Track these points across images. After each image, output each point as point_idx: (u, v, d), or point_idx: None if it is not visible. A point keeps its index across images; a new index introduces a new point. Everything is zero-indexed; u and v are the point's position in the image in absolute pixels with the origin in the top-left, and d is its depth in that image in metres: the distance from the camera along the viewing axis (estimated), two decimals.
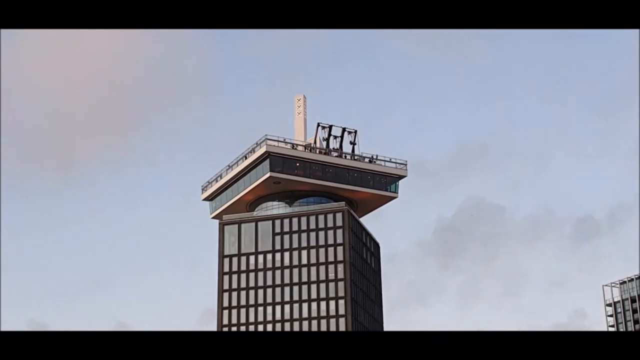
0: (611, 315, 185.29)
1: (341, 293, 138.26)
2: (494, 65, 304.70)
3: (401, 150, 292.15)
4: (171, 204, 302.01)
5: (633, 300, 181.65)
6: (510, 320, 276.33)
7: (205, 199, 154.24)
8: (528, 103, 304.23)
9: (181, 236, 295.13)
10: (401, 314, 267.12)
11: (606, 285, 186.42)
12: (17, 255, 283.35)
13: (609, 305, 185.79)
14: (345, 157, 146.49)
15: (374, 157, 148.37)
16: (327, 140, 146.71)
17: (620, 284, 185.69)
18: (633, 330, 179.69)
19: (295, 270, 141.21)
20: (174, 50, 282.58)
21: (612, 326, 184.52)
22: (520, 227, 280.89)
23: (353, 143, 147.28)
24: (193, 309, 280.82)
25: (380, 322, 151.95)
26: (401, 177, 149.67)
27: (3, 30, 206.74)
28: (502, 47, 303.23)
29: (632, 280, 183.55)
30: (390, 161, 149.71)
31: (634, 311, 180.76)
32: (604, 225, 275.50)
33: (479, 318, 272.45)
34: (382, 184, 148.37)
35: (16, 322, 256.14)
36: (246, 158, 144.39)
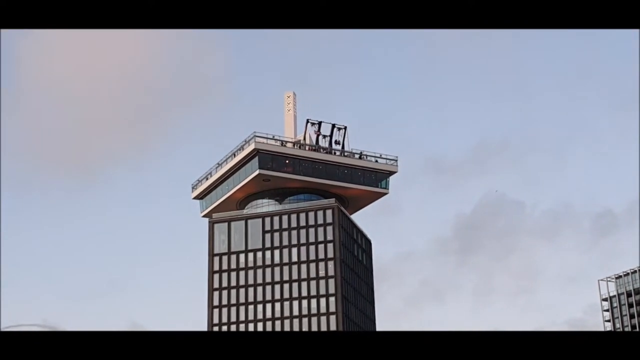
0: (607, 310, 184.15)
1: (332, 290, 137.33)
2: (513, 61, 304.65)
3: (418, 147, 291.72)
4: (167, 203, 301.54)
5: (629, 295, 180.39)
6: (526, 316, 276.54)
7: (195, 198, 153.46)
8: (547, 99, 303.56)
9: (178, 236, 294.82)
10: (417, 311, 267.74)
11: (602, 280, 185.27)
12: (27, 254, 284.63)
13: (605, 299, 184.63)
14: (335, 153, 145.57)
15: (363, 153, 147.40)
16: (317, 136, 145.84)
17: (616, 278, 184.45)
18: (629, 324, 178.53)
19: (286, 268, 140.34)
20: (174, 50, 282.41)
21: (608, 321, 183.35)
22: (539, 222, 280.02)
23: (341, 140, 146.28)
24: (202, 307, 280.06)
25: (372, 319, 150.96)
26: (392, 173, 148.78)
27: (21, 30, 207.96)
28: (522, 43, 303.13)
29: (627, 274, 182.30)
30: (380, 157, 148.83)
31: (630, 305, 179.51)
32: (623, 220, 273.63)
33: (495, 315, 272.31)
34: (372, 180, 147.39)
35: (28, 322, 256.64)
36: (235, 156, 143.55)
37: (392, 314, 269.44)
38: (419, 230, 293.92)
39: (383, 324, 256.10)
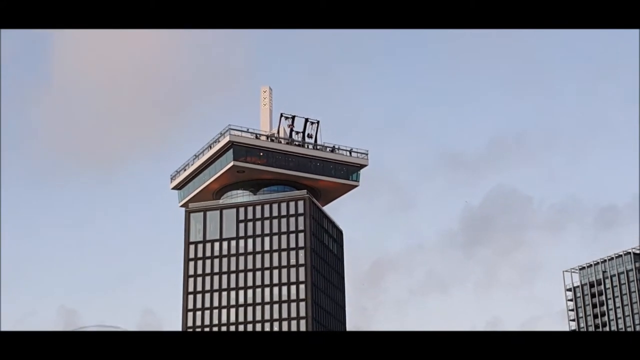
0: (571, 300, 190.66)
1: (302, 278, 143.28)
2: (528, 57, 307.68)
3: (434, 142, 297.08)
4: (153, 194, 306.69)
5: (592, 285, 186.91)
6: (522, 307, 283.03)
7: (174, 188, 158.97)
8: (563, 95, 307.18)
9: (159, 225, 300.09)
10: (421, 301, 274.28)
11: (566, 271, 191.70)
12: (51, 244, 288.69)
13: (569, 290, 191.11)
14: (308, 146, 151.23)
15: (336, 147, 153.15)
16: (291, 130, 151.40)
17: (580, 269, 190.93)
18: (591, 314, 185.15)
19: (258, 256, 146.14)
20: (174, 48, 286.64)
21: (572, 310, 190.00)
22: (546, 216, 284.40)
23: (314, 134, 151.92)
24: (177, 293, 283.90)
25: (342, 306, 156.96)
26: (362, 166, 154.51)
27: (47, 30, 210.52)
28: (538, 39, 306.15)
29: (590, 265, 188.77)
30: (352, 151, 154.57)
31: (592, 296, 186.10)
32: (627, 214, 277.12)
33: (495, 306, 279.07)
34: (343, 173, 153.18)
35: (47, 308, 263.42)
36: (211, 148, 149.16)
37: (397, 303, 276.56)
38: (429, 224, 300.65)
39: (386, 314, 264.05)
